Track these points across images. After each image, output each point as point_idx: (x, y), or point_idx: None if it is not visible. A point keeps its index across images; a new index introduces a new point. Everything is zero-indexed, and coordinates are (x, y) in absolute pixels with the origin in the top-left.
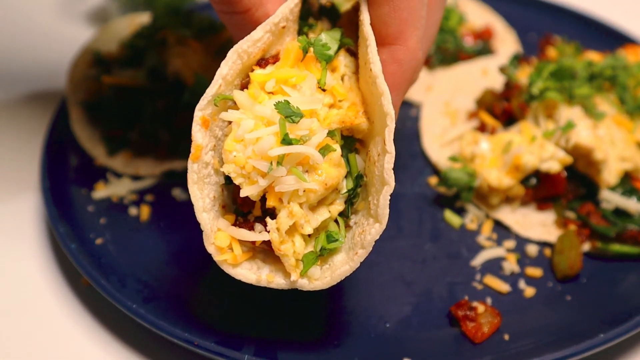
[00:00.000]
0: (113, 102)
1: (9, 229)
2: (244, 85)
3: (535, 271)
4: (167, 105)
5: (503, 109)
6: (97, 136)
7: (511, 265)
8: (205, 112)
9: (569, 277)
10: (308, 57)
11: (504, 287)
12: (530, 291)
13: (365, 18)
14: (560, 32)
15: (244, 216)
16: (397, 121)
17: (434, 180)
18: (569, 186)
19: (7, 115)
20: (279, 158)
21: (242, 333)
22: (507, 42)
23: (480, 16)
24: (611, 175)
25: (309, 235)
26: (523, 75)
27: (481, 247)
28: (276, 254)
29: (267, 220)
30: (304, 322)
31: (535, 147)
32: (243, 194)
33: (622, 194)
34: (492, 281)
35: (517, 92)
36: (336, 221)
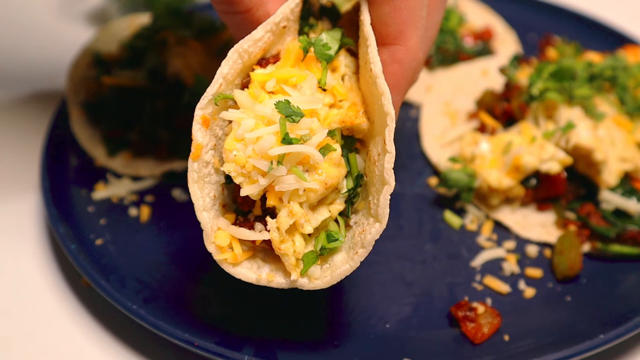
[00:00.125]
0: (113, 103)
1: (9, 229)
2: (245, 84)
3: (535, 272)
4: (167, 105)
5: (503, 110)
6: (97, 136)
7: (511, 265)
8: (205, 111)
9: (569, 278)
10: (309, 57)
11: (504, 288)
12: (530, 292)
13: (365, 18)
14: (560, 33)
15: (244, 215)
16: (397, 121)
17: (434, 180)
18: (569, 187)
19: (7, 115)
20: (279, 157)
21: (242, 333)
22: (507, 43)
23: (480, 17)
24: (611, 175)
25: (309, 234)
26: (523, 75)
27: (481, 248)
28: (276, 253)
29: (268, 219)
30: (304, 322)
31: (535, 148)
32: (243, 193)
33: (622, 195)
34: (492, 282)
35: (517, 93)
36: (336, 221)
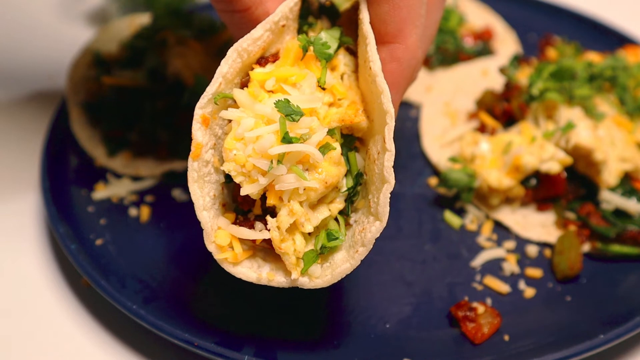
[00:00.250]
0: (113, 103)
1: (9, 229)
2: (244, 83)
3: (535, 272)
4: (167, 105)
5: (503, 110)
6: (97, 136)
7: (511, 265)
8: (205, 111)
9: (569, 278)
10: (308, 56)
11: (504, 288)
12: (530, 292)
13: (364, 17)
14: (560, 33)
15: (244, 214)
16: (397, 121)
17: (434, 180)
18: (569, 187)
19: (7, 115)
20: (280, 156)
21: (242, 333)
22: (507, 43)
23: (480, 17)
24: (611, 175)
25: (309, 233)
26: (523, 75)
27: (481, 248)
28: (277, 252)
29: (268, 218)
30: (304, 322)
31: (535, 148)
32: (243, 193)
33: (622, 195)
34: (492, 282)
35: (517, 93)
36: (336, 219)
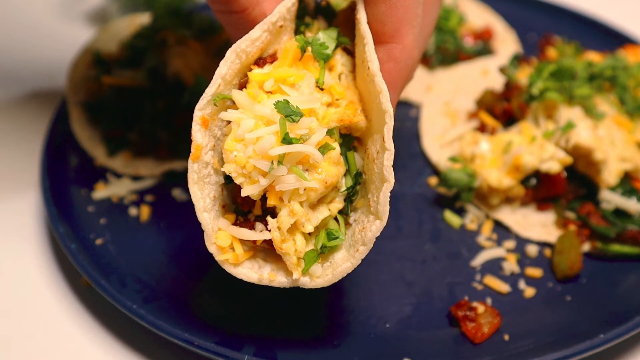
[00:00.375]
0: (113, 103)
1: (9, 229)
2: (243, 84)
3: (535, 271)
4: (167, 105)
5: (503, 110)
6: (97, 136)
7: (511, 265)
8: (204, 112)
9: (569, 278)
10: (306, 57)
11: (504, 288)
12: (530, 291)
13: (362, 17)
14: (560, 32)
15: (244, 215)
16: (396, 121)
17: (434, 180)
18: (569, 186)
19: (7, 115)
20: (280, 157)
21: (242, 333)
22: (507, 43)
23: (480, 16)
24: (611, 175)
25: (309, 233)
26: (523, 75)
27: (481, 248)
28: (277, 253)
29: (268, 219)
30: (304, 322)
31: (535, 148)
32: (244, 194)
33: (622, 194)
34: (492, 281)
35: (517, 93)
36: (336, 219)
